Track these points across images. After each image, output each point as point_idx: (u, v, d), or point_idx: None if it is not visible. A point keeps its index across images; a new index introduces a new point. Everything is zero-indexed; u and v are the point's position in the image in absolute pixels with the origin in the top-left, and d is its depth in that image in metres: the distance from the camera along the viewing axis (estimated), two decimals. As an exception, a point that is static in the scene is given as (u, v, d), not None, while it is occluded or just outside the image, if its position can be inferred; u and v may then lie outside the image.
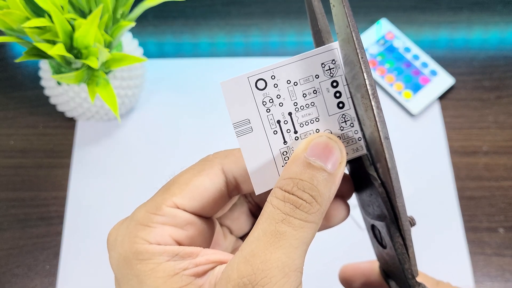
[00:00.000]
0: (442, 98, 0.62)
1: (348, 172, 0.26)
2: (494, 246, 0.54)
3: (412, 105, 0.61)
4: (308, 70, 0.21)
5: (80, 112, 0.57)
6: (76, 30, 0.45)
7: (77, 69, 0.49)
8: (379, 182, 0.22)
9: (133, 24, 0.48)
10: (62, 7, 0.45)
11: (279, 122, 0.22)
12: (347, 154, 0.22)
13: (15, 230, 0.55)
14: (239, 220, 0.27)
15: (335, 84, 0.22)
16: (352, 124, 0.22)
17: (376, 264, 0.30)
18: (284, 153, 0.22)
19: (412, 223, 0.23)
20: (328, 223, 0.25)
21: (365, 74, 0.19)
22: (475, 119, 0.61)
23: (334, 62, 0.21)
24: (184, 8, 0.68)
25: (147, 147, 0.59)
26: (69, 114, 0.59)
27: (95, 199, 0.56)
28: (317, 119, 0.22)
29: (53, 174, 0.58)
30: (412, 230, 0.23)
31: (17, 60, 0.45)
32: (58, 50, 0.43)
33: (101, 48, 0.44)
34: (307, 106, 0.22)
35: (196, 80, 0.64)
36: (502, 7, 0.69)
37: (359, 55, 0.19)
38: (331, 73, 0.21)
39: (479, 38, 0.67)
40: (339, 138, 0.22)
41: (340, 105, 0.22)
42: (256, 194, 0.22)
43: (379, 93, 0.63)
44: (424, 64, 0.64)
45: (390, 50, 0.65)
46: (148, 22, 0.67)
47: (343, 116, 0.22)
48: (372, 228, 0.26)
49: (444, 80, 0.63)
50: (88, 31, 0.44)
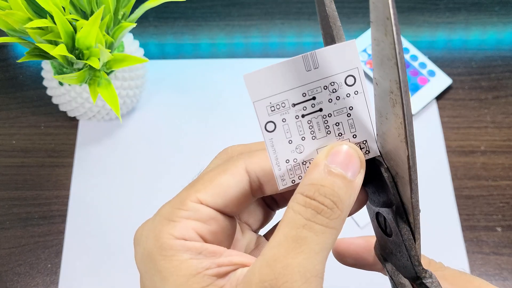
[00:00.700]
0: (439, 98, 0.63)
1: None
2: (492, 245, 0.55)
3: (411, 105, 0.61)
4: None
5: (81, 112, 0.57)
6: (77, 31, 0.46)
7: (79, 69, 0.49)
8: (386, 167, 0.22)
9: (134, 25, 0.48)
10: (64, 8, 0.45)
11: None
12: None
13: (17, 229, 0.55)
14: (255, 212, 0.28)
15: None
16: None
17: (371, 243, 0.30)
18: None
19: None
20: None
21: (400, 70, 0.18)
22: (473, 119, 0.62)
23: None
24: (185, 9, 0.69)
25: (148, 147, 0.60)
26: (71, 114, 0.59)
27: (97, 198, 0.57)
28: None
29: (55, 173, 0.58)
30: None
31: (19, 61, 0.46)
32: (60, 51, 0.43)
33: (102, 49, 0.44)
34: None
35: (196, 81, 0.64)
36: (499, 8, 0.70)
37: (397, 50, 0.18)
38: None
39: (477, 39, 0.67)
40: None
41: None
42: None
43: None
44: (422, 65, 0.64)
45: (388, 51, 0.65)
46: (149, 23, 0.68)
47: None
48: (377, 216, 0.26)
49: (442, 80, 0.63)
50: (90, 32, 0.44)
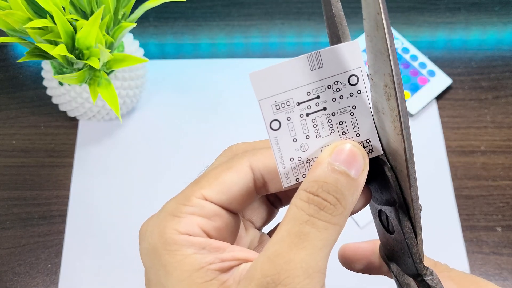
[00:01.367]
0: (439, 98, 0.63)
1: None
2: (492, 245, 0.55)
3: (410, 105, 0.61)
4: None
5: (81, 112, 0.57)
6: (77, 31, 0.46)
7: (79, 69, 0.49)
8: (389, 166, 0.22)
9: (134, 25, 0.48)
10: (64, 8, 0.45)
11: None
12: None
13: (17, 229, 0.55)
14: (259, 210, 0.28)
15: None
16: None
17: (377, 246, 0.30)
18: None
19: (420, 208, 0.24)
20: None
21: (392, 63, 0.19)
22: (473, 119, 0.62)
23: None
24: (185, 9, 0.69)
25: (148, 147, 0.60)
26: (70, 114, 0.59)
27: (96, 198, 0.57)
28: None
29: (55, 173, 0.58)
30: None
31: (19, 61, 0.46)
32: (60, 51, 0.43)
33: (102, 49, 0.44)
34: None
35: (196, 81, 0.64)
36: (499, 8, 0.70)
37: (388, 43, 0.19)
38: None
39: (477, 39, 0.67)
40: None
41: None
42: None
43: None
44: (422, 65, 0.64)
45: (388, 51, 0.65)
46: (149, 23, 0.68)
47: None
48: (379, 214, 0.26)
49: (442, 80, 0.63)
50: (90, 32, 0.44)
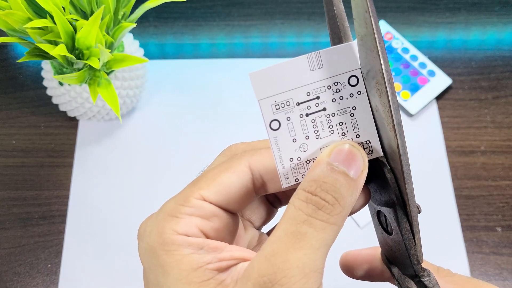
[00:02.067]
0: (439, 98, 0.63)
1: None
2: (492, 245, 0.55)
3: (410, 105, 0.61)
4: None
5: (81, 112, 0.57)
6: (77, 31, 0.46)
7: (79, 69, 0.49)
8: (389, 168, 0.22)
9: (134, 25, 0.48)
10: (64, 8, 0.45)
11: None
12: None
13: (17, 229, 0.55)
14: (259, 210, 0.28)
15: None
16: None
17: (377, 251, 0.30)
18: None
19: (419, 210, 0.24)
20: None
21: (382, 60, 0.19)
22: (473, 119, 0.62)
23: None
24: (185, 9, 0.69)
25: (148, 147, 0.60)
26: (70, 114, 0.59)
27: (96, 198, 0.57)
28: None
29: (55, 173, 0.58)
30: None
31: (19, 61, 0.46)
32: (60, 51, 0.43)
33: (102, 49, 0.44)
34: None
35: (196, 81, 0.64)
36: (499, 8, 0.70)
37: (377, 40, 0.19)
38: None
39: (476, 39, 0.67)
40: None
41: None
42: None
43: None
44: (422, 65, 0.64)
45: (388, 51, 0.65)
46: (149, 23, 0.68)
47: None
48: (378, 214, 0.26)
49: (442, 81, 0.63)
50: (90, 32, 0.44)
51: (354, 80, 0.22)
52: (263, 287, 0.19)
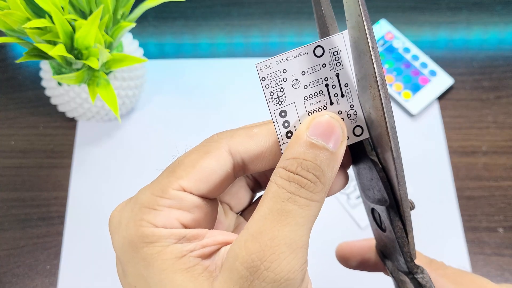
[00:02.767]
0: (441, 98, 0.63)
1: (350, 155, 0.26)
2: (494, 246, 0.55)
3: (412, 105, 0.61)
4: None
5: (80, 112, 0.57)
6: (76, 30, 0.45)
7: (77, 69, 0.49)
8: (380, 167, 0.23)
9: (133, 24, 0.48)
10: (63, 8, 0.45)
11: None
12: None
13: (16, 230, 0.55)
14: (238, 195, 0.27)
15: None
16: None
17: (373, 243, 0.30)
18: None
19: (412, 206, 0.24)
20: (328, 192, 0.25)
21: (375, 64, 0.19)
22: (474, 119, 0.61)
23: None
24: (184, 9, 0.68)
25: (148, 147, 0.59)
26: (69, 115, 0.59)
27: (95, 199, 0.56)
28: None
29: (53, 174, 0.58)
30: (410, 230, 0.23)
31: (17, 61, 0.46)
32: (58, 51, 0.43)
33: (101, 49, 0.44)
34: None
35: (196, 81, 0.64)
36: (501, 7, 0.69)
37: (370, 44, 0.19)
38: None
39: (478, 39, 0.67)
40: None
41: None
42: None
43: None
44: (424, 65, 0.64)
45: (389, 51, 0.65)
46: (148, 22, 0.68)
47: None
48: (372, 211, 0.26)
49: (443, 80, 0.63)
50: (89, 32, 0.44)
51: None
52: (251, 265, 0.19)
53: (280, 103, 0.22)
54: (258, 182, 0.28)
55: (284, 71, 0.22)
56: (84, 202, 0.56)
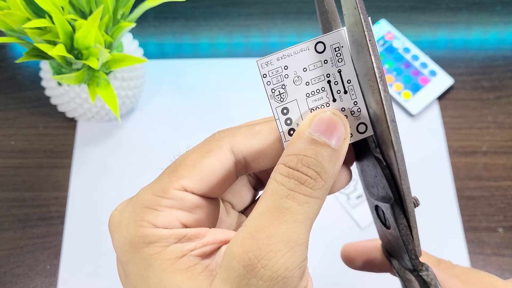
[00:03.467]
0: (441, 98, 0.63)
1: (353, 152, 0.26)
2: (494, 246, 0.55)
3: (412, 105, 0.61)
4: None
5: (80, 112, 0.57)
6: (76, 30, 0.45)
7: (77, 69, 0.49)
8: (384, 164, 0.22)
9: (133, 25, 0.48)
10: (63, 8, 0.45)
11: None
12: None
13: (15, 230, 0.55)
14: (240, 193, 0.27)
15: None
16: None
17: (378, 243, 0.30)
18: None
19: (416, 203, 0.24)
20: (331, 189, 0.24)
21: (372, 57, 0.19)
22: (474, 119, 0.61)
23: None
24: (184, 9, 0.68)
25: (148, 147, 0.59)
26: (69, 115, 0.59)
27: (95, 199, 0.56)
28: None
29: (53, 174, 0.58)
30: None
31: (17, 61, 0.46)
32: (58, 51, 0.43)
33: (101, 49, 0.44)
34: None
35: (196, 81, 0.64)
36: (501, 7, 0.69)
37: (367, 37, 0.18)
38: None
39: (478, 39, 0.67)
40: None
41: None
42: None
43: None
44: (424, 65, 0.64)
45: (389, 51, 0.65)
46: (148, 23, 0.67)
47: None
48: (376, 208, 0.26)
49: (443, 80, 0.63)
50: (89, 32, 0.44)
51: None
52: (248, 263, 0.19)
53: (282, 100, 0.22)
54: (260, 180, 0.27)
55: (286, 68, 0.22)
56: (84, 202, 0.56)
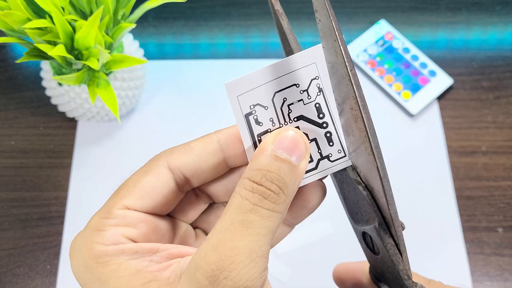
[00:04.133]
0: (441, 98, 0.63)
1: (335, 182, 0.27)
2: (493, 245, 0.55)
3: (411, 105, 0.61)
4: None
5: (80, 112, 0.57)
6: (77, 31, 0.45)
7: (78, 70, 0.49)
8: (363, 185, 0.23)
9: (133, 25, 0.48)
10: (63, 8, 0.45)
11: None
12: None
13: (16, 230, 0.55)
14: (188, 207, 0.27)
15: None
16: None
17: (366, 267, 0.30)
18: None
19: (403, 227, 0.24)
20: (308, 209, 0.26)
21: (354, 87, 0.19)
22: (474, 119, 0.62)
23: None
24: (184, 9, 0.69)
25: (148, 148, 0.60)
26: (69, 115, 0.59)
27: (95, 199, 0.56)
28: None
29: (54, 174, 0.58)
30: (410, 231, 0.23)
31: (18, 61, 0.46)
32: (58, 51, 0.43)
33: (101, 50, 0.44)
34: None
35: (196, 81, 0.64)
36: (500, 7, 0.69)
37: (348, 68, 0.19)
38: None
39: (478, 39, 0.67)
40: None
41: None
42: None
43: (378, 93, 0.63)
44: (423, 65, 0.64)
45: (389, 51, 0.65)
46: (148, 23, 0.68)
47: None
48: (363, 236, 0.26)
49: (443, 81, 0.63)
50: (89, 32, 0.44)
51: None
52: (211, 274, 0.19)
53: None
54: (206, 193, 0.28)
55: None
56: (84, 202, 0.56)
